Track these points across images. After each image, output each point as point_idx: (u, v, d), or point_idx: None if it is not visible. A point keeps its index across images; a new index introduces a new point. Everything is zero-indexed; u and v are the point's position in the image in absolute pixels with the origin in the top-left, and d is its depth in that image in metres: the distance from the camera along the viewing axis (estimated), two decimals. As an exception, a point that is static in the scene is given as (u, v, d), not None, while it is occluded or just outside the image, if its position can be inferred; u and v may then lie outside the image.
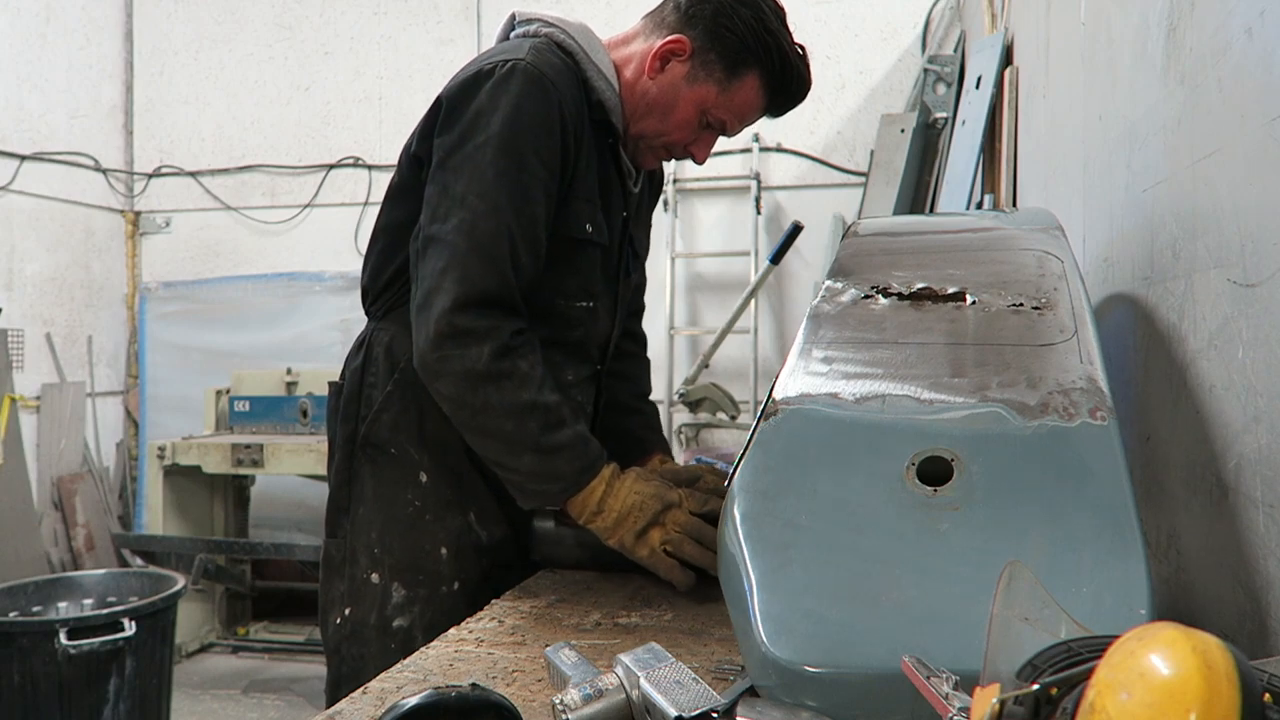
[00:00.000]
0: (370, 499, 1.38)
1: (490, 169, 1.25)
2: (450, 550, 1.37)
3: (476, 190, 1.25)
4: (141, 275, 5.67)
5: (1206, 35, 0.98)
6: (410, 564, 1.36)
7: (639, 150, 1.47)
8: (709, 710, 0.74)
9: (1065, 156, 1.80)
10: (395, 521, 1.36)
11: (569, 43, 1.38)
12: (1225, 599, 0.93)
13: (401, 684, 0.97)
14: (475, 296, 1.23)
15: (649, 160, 1.49)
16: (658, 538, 1.26)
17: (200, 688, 4.17)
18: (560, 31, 1.39)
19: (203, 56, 5.57)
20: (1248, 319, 0.87)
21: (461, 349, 1.22)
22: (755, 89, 1.39)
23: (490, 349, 1.22)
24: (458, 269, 1.23)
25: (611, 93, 1.40)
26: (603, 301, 1.46)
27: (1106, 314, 1.38)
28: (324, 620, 1.40)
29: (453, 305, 1.22)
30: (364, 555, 1.37)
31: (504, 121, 1.26)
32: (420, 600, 1.36)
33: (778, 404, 0.96)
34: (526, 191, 1.27)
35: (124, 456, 5.52)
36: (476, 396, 1.24)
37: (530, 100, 1.27)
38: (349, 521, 1.39)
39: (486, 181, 1.25)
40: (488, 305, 1.24)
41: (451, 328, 1.22)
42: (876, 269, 1.16)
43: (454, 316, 1.22)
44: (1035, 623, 0.60)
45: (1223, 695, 0.41)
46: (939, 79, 3.91)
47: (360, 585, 1.37)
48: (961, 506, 0.84)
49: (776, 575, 0.83)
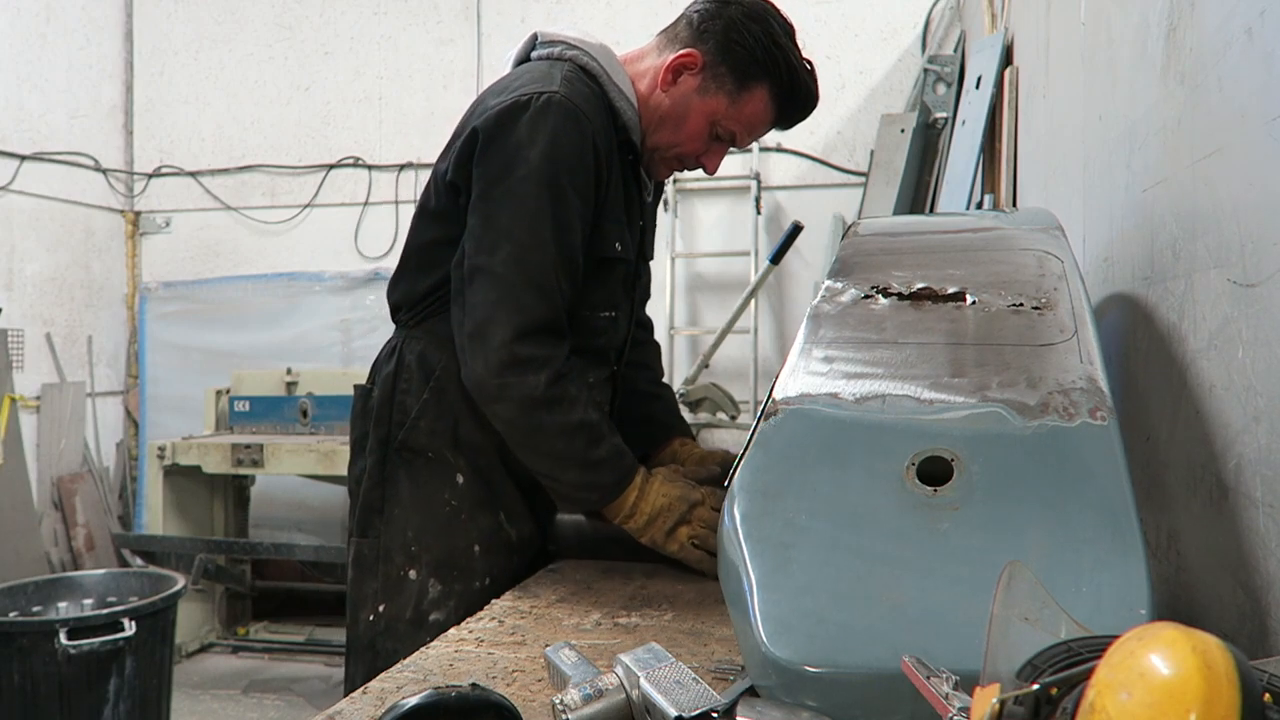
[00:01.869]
0: (407, 500, 1.44)
1: (533, 202, 1.32)
2: (482, 547, 1.44)
3: (522, 223, 1.32)
4: (141, 275, 5.67)
5: (1206, 35, 0.98)
6: (446, 560, 1.42)
7: (653, 162, 1.52)
8: (709, 710, 0.74)
9: (1065, 156, 1.80)
10: (433, 520, 1.43)
11: (593, 66, 1.43)
12: (1225, 599, 0.93)
13: (401, 684, 0.97)
14: (531, 326, 1.32)
15: (662, 172, 1.55)
16: (685, 534, 1.37)
17: (200, 688, 4.17)
18: (584, 54, 1.44)
19: (203, 56, 5.57)
20: (1248, 319, 0.87)
21: (520, 376, 1.31)
22: (764, 101, 1.44)
23: (547, 376, 1.32)
24: (512, 300, 1.32)
25: (632, 112, 1.46)
26: (623, 309, 1.55)
27: (1106, 314, 1.38)
28: (354, 617, 1.46)
29: (514, 335, 1.31)
30: (400, 553, 1.43)
31: (542, 155, 1.32)
32: (455, 595, 1.42)
33: (778, 404, 0.96)
34: (567, 222, 1.35)
35: (124, 456, 5.52)
36: (533, 420, 1.33)
37: (566, 134, 1.33)
38: (383, 521, 1.44)
39: (530, 214, 1.32)
40: (543, 333, 1.33)
41: (513, 356, 1.31)
42: (876, 269, 1.16)
43: (516, 346, 1.31)
44: (1035, 623, 0.60)
45: (1223, 695, 0.41)
46: (939, 79, 3.91)
47: (396, 582, 1.42)
48: (961, 506, 0.84)
49: (776, 575, 0.83)
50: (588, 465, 1.35)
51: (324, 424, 4.52)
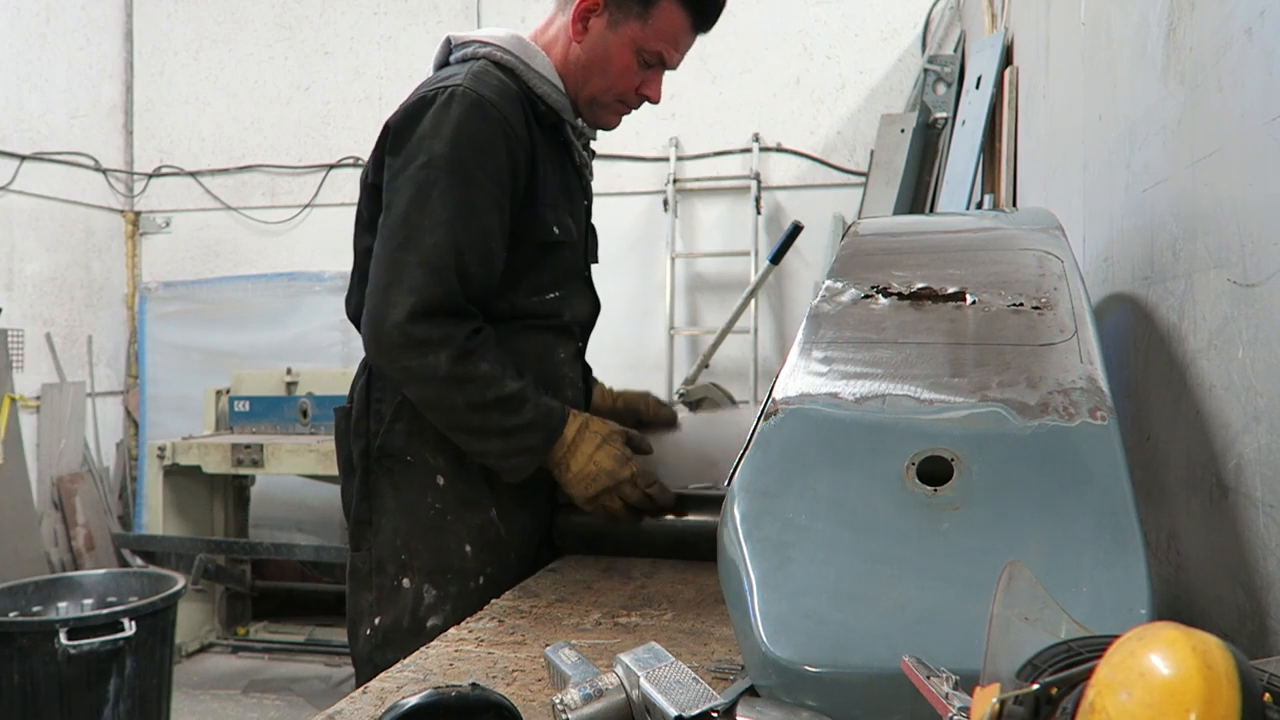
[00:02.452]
0: (392, 509, 1.44)
1: (433, 188, 1.33)
2: (474, 546, 1.43)
3: (417, 207, 1.33)
4: (141, 275, 5.67)
5: (1206, 35, 0.98)
6: (438, 564, 1.42)
7: (596, 113, 1.53)
8: (709, 710, 0.74)
9: (1065, 156, 1.80)
10: (419, 525, 1.43)
11: (506, 59, 1.45)
12: (1225, 599, 0.93)
13: (401, 684, 0.97)
14: (424, 307, 1.32)
15: (610, 119, 1.54)
16: (605, 502, 1.43)
17: (200, 688, 4.17)
18: (496, 49, 1.46)
19: (203, 56, 5.57)
20: (1248, 319, 0.87)
21: (420, 358, 1.32)
22: (674, 10, 1.45)
23: (448, 355, 1.32)
24: (405, 283, 1.32)
25: (558, 93, 1.48)
26: (573, 287, 1.56)
27: (1106, 314, 1.38)
28: (353, 632, 1.46)
29: (407, 317, 1.31)
30: (391, 563, 1.43)
31: (445, 143, 1.34)
32: (452, 598, 1.42)
33: (778, 404, 0.96)
34: (473, 206, 1.35)
35: (124, 456, 5.52)
36: (444, 399, 1.35)
37: (471, 121, 1.35)
38: (372, 533, 1.45)
39: (429, 199, 1.33)
40: (437, 314, 1.33)
41: (406, 338, 1.32)
42: (876, 269, 1.16)
43: (410, 327, 1.31)
44: (1035, 623, 0.60)
45: (1223, 695, 0.41)
46: (939, 79, 3.91)
47: (390, 593, 1.42)
48: (961, 506, 0.84)
49: (776, 575, 0.83)
50: (507, 434, 1.36)
51: (324, 424, 4.52)
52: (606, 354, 5.13)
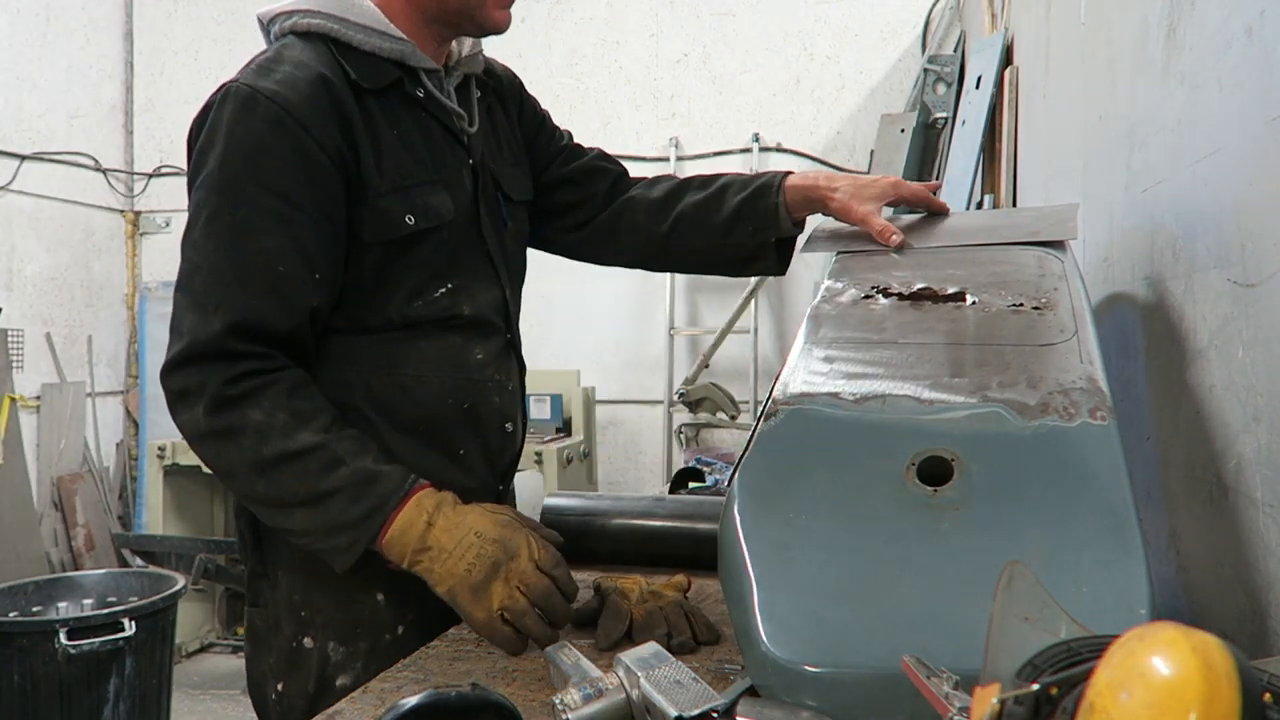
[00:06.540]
0: (286, 559, 1.23)
1: (201, 213, 1.14)
2: (388, 594, 1.22)
3: (189, 239, 1.15)
4: (141, 275, 5.67)
5: (1206, 35, 0.98)
6: (344, 618, 1.22)
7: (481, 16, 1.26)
8: (709, 710, 0.74)
9: (1065, 156, 1.80)
10: (317, 577, 1.20)
11: (314, 24, 1.22)
12: (1225, 599, 0.93)
13: (401, 684, 0.97)
14: (182, 356, 1.12)
15: (498, 15, 1.27)
16: (499, 596, 1.04)
17: (200, 688, 4.17)
18: (302, 16, 1.23)
19: (203, 56, 5.57)
20: (1248, 319, 0.87)
21: (184, 413, 1.12)
22: None
23: (204, 407, 1.09)
24: (178, 327, 1.13)
25: (391, 40, 1.22)
26: (471, 273, 1.28)
27: (1106, 314, 1.38)
28: (258, 694, 1.28)
29: (167, 367, 1.13)
30: (289, 622, 1.23)
31: (217, 157, 1.14)
32: (363, 654, 1.22)
33: (778, 404, 0.96)
34: (247, 228, 1.13)
35: (124, 456, 5.52)
36: (219, 460, 1.12)
37: (241, 126, 1.14)
38: (269, 587, 1.25)
39: (196, 228, 1.14)
40: (192, 362, 1.11)
41: (169, 392, 1.13)
42: (876, 269, 1.16)
43: (168, 380, 1.13)
44: (1035, 623, 0.60)
45: (1223, 695, 0.41)
46: (939, 79, 3.91)
47: (291, 655, 1.23)
48: (961, 506, 0.84)
49: (776, 575, 0.83)
50: (311, 503, 1.08)
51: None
52: (607, 354, 5.14)
